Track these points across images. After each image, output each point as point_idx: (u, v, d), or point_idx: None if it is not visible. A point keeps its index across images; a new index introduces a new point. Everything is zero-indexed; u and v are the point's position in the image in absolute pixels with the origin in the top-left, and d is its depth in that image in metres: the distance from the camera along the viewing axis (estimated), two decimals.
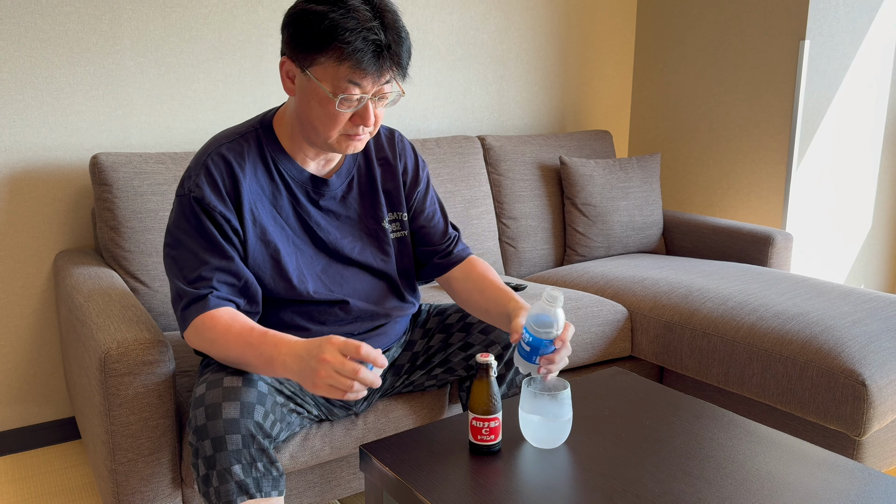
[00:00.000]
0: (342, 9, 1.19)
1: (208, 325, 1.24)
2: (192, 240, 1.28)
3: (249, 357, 1.20)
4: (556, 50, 2.98)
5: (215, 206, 1.28)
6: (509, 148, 2.63)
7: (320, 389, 1.12)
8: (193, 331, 1.26)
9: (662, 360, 2.12)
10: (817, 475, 1.12)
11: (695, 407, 1.36)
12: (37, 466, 2.04)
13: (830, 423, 1.75)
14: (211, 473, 1.16)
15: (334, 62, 1.20)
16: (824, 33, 2.63)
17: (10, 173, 2.00)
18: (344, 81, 1.21)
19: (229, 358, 1.23)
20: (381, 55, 1.20)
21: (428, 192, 1.55)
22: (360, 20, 1.19)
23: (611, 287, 2.29)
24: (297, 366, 1.14)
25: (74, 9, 2.00)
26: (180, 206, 1.30)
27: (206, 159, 1.31)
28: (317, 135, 1.29)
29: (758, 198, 2.81)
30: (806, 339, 1.82)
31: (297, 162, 1.37)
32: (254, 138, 1.35)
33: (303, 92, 1.26)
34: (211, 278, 1.27)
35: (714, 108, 2.94)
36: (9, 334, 2.07)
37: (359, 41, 1.18)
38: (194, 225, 1.28)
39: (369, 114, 1.26)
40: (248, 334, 1.21)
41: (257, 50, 2.29)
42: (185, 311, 1.26)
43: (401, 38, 1.23)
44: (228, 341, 1.22)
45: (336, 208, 1.42)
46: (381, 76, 1.23)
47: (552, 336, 1.21)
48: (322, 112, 1.25)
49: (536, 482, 1.09)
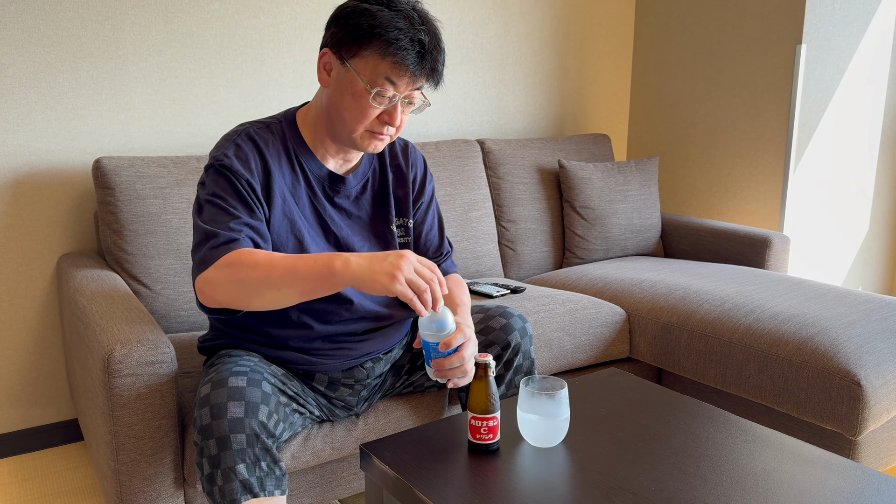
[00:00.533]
0: (394, 10, 1.26)
1: (246, 255, 1.19)
2: (220, 199, 1.28)
3: (302, 268, 1.15)
4: (555, 54, 3.00)
5: (243, 174, 1.30)
6: (508, 151, 2.65)
7: (395, 282, 1.11)
8: (224, 266, 1.19)
9: (660, 362, 2.14)
10: (812, 473, 1.14)
11: (691, 406, 1.37)
12: (40, 468, 2.06)
13: (826, 423, 1.77)
14: (215, 472, 1.18)
15: (377, 56, 1.25)
16: (820, 37, 2.65)
17: (14, 177, 2.02)
18: (382, 77, 1.26)
19: (273, 275, 1.16)
20: (423, 57, 1.27)
21: (430, 206, 1.58)
22: (410, 22, 1.26)
23: (609, 289, 2.30)
24: (366, 262, 1.13)
25: (77, 14, 2.02)
26: (209, 176, 1.32)
27: (236, 138, 1.34)
28: (343, 126, 1.32)
29: (755, 200, 2.83)
30: (802, 340, 1.83)
31: (317, 158, 1.40)
32: (278, 130, 1.39)
33: (338, 83, 1.30)
34: (245, 226, 1.26)
35: (712, 111, 2.96)
36: (12, 336, 2.09)
37: (406, 40, 1.25)
38: (223, 186, 1.29)
39: (397, 114, 1.31)
40: (293, 258, 1.18)
41: (258, 55, 2.31)
42: (213, 251, 1.21)
43: (440, 48, 1.30)
44: (273, 261, 1.17)
45: (349, 207, 1.45)
46: (417, 78, 1.29)
47: (438, 339, 1.24)
48: (354, 104, 1.29)
49: (535, 480, 1.11)
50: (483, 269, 2.51)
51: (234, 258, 1.19)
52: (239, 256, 1.20)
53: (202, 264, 1.22)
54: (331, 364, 1.45)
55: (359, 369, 1.49)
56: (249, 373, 1.27)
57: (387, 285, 1.11)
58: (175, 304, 1.94)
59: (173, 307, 1.94)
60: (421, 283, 1.13)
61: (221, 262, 1.20)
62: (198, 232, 1.27)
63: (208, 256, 1.22)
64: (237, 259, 1.19)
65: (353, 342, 1.46)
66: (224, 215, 1.27)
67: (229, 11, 2.24)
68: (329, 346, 1.44)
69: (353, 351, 1.46)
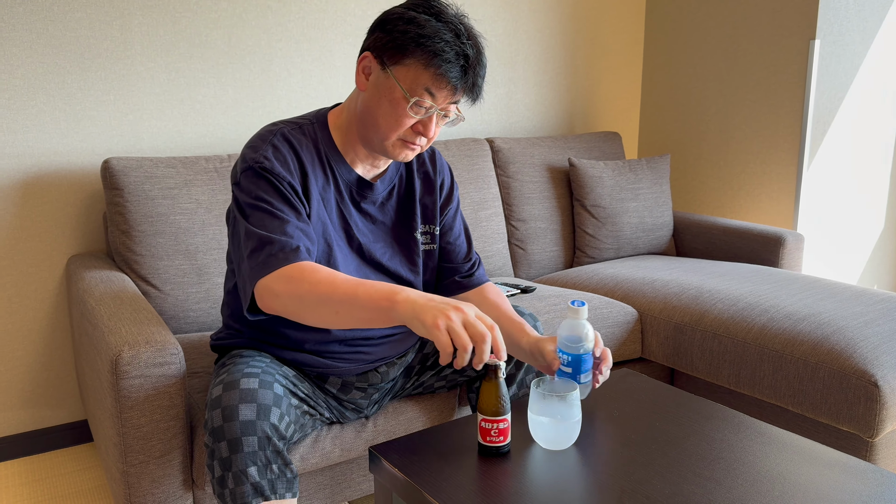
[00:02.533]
0: (441, 21, 1.25)
1: (310, 270, 1.17)
2: (266, 203, 1.25)
3: (362, 295, 1.12)
4: (565, 51, 2.98)
5: (284, 176, 1.28)
6: (518, 150, 2.63)
7: (436, 328, 1.03)
8: (286, 280, 1.17)
9: (673, 362, 2.12)
10: (829, 477, 1.12)
11: (705, 408, 1.35)
12: (50, 469, 2.06)
13: (843, 424, 1.74)
14: (227, 475, 1.17)
15: (421, 66, 1.24)
16: (834, 33, 2.62)
17: (23, 178, 2.02)
18: (422, 88, 1.25)
19: (334, 296, 1.14)
20: (466, 72, 1.26)
21: (458, 212, 1.57)
22: (457, 35, 1.25)
23: (620, 289, 2.28)
24: (422, 301, 1.07)
25: (86, 14, 2.02)
26: (248, 178, 1.28)
27: (271, 138, 1.31)
28: (376, 132, 1.31)
29: (768, 198, 2.80)
30: (817, 339, 1.80)
31: (346, 162, 1.39)
32: (310, 132, 1.37)
33: (376, 88, 1.29)
34: (296, 235, 1.24)
35: (724, 108, 2.93)
36: (22, 338, 2.09)
37: (451, 53, 1.24)
38: (266, 189, 1.27)
39: (432, 125, 1.30)
40: (354, 283, 1.15)
41: (266, 54, 2.30)
42: (271, 258, 1.19)
43: (483, 63, 1.29)
44: (335, 281, 1.15)
45: (374, 212, 1.44)
46: (457, 91, 1.28)
47: (589, 348, 1.24)
48: (391, 111, 1.27)
49: (546, 483, 1.09)
50: (493, 269, 2.50)
51: (297, 273, 1.17)
52: (302, 272, 1.17)
53: (262, 269, 1.20)
54: (345, 367, 1.44)
55: (373, 373, 1.48)
56: (261, 374, 1.26)
57: (428, 327, 1.04)
58: (184, 305, 1.94)
59: (182, 308, 1.94)
60: (465, 337, 1.03)
61: (283, 275, 1.18)
62: (251, 238, 1.23)
63: (267, 263, 1.19)
64: (300, 274, 1.17)
65: (370, 346, 1.45)
66: (273, 220, 1.24)
67: (237, 11, 2.23)
68: (345, 349, 1.43)
69: (369, 355, 1.45)
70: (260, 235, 1.22)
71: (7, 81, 1.96)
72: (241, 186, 1.29)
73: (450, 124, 1.35)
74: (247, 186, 1.28)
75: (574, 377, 1.26)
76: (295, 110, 2.38)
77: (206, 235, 1.97)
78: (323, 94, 2.42)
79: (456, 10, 1.30)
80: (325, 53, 2.40)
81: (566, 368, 1.27)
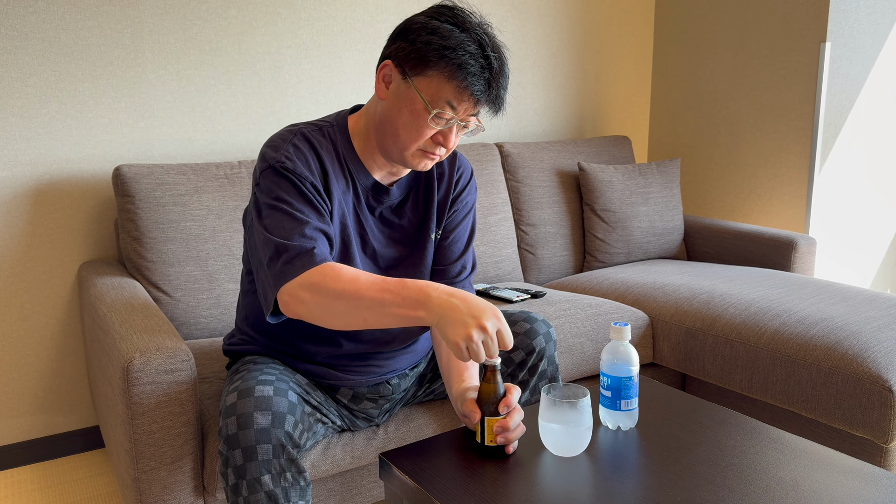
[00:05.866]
0: (465, 32, 1.22)
1: (332, 275, 1.16)
2: (287, 202, 1.24)
3: (389, 297, 1.13)
4: (574, 56, 2.98)
5: (307, 176, 1.26)
6: (527, 154, 2.63)
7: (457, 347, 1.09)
8: (309, 287, 1.16)
9: (685, 367, 2.10)
10: (843, 483, 1.10)
11: (717, 414, 1.35)
12: (62, 475, 2.07)
13: (856, 429, 1.72)
14: (241, 483, 1.17)
15: (444, 78, 1.21)
16: (845, 35, 2.60)
17: (36, 185, 2.03)
18: (443, 100, 1.23)
19: (360, 301, 1.14)
20: (490, 85, 1.23)
21: (465, 218, 1.51)
22: (481, 47, 1.22)
23: (631, 293, 2.27)
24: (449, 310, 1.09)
25: (97, 23, 2.04)
26: (269, 178, 1.26)
27: (292, 138, 1.29)
28: (396, 142, 1.28)
29: (780, 202, 2.78)
30: (830, 344, 1.79)
31: (365, 167, 1.37)
32: (330, 134, 1.35)
33: (397, 97, 1.26)
34: (318, 231, 1.23)
35: (734, 111, 2.91)
36: (35, 344, 2.10)
37: (476, 66, 1.21)
38: (287, 189, 1.25)
39: (452, 136, 1.27)
40: (381, 280, 1.15)
41: (276, 61, 2.31)
42: (288, 266, 1.18)
43: (506, 74, 1.26)
44: (360, 287, 1.14)
45: (390, 216, 1.42)
46: (479, 104, 1.25)
47: (632, 372, 1.23)
48: (411, 121, 1.25)
49: (557, 491, 1.09)
50: (502, 274, 2.49)
51: (319, 278, 1.16)
52: (324, 277, 1.16)
53: (282, 277, 1.18)
54: (357, 380, 1.43)
55: (384, 385, 1.47)
56: (276, 381, 1.26)
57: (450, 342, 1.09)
58: (195, 311, 1.95)
59: (193, 314, 1.95)
60: (481, 354, 1.09)
61: (305, 282, 1.17)
62: (267, 245, 1.22)
63: (285, 271, 1.18)
64: (321, 280, 1.16)
65: (382, 359, 1.44)
66: (292, 221, 1.22)
67: (247, 18, 2.24)
68: (357, 362, 1.42)
69: (381, 368, 1.45)
70: (276, 243, 1.20)
71: (20, 90, 1.97)
72: (261, 186, 1.27)
73: (469, 135, 1.33)
74: (267, 186, 1.26)
75: (614, 402, 1.24)
76: (304, 117, 2.39)
77: (217, 242, 1.97)
78: (332, 101, 2.42)
79: (480, 19, 1.27)
80: (335, 60, 2.41)
81: (606, 392, 1.25)
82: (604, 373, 1.25)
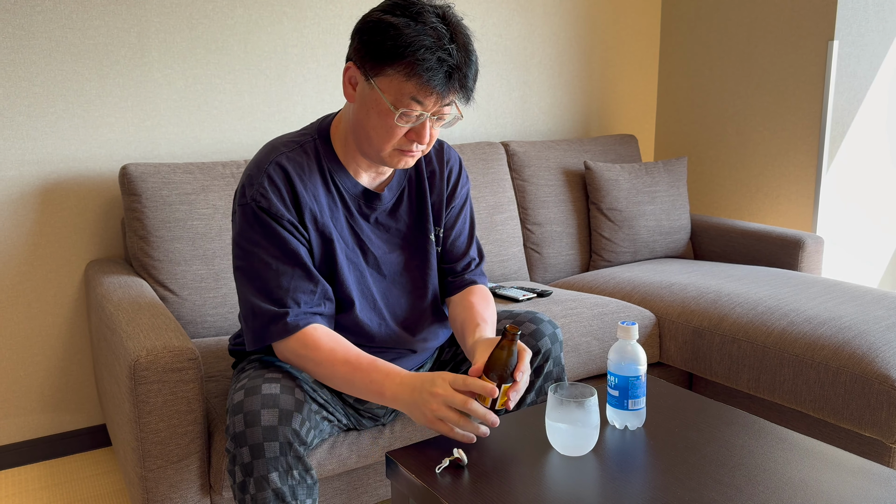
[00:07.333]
0: (420, 24, 1.17)
1: (310, 346, 1.25)
2: (261, 249, 1.27)
3: (358, 383, 1.23)
4: (580, 54, 2.97)
5: (283, 215, 1.27)
6: (533, 153, 2.63)
7: (430, 422, 1.15)
8: (287, 350, 1.28)
9: (692, 367, 2.10)
10: (851, 483, 1.10)
11: (725, 414, 1.34)
12: (69, 473, 2.07)
13: (865, 429, 1.71)
14: (248, 481, 1.17)
15: (402, 76, 1.18)
16: (853, 33, 2.59)
17: (43, 184, 2.04)
18: (407, 98, 1.20)
19: (334, 380, 1.26)
20: (451, 77, 1.19)
21: (463, 210, 1.52)
22: (437, 39, 1.17)
23: (638, 292, 2.27)
24: (408, 397, 1.17)
25: (104, 22, 2.04)
26: (244, 216, 1.28)
27: (267, 167, 1.29)
28: (370, 145, 1.27)
29: (787, 201, 2.77)
30: (838, 344, 1.78)
31: (350, 174, 1.35)
32: (312, 148, 1.33)
33: (363, 100, 1.24)
34: (289, 289, 1.26)
35: (741, 110, 2.90)
36: (42, 343, 2.11)
37: (433, 60, 1.17)
38: (262, 233, 1.27)
39: (426, 132, 1.24)
40: (355, 360, 1.23)
41: (282, 60, 2.31)
42: (264, 332, 1.27)
43: (471, 61, 1.22)
44: (335, 365, 1.24)
45: (386, 221, 1.41)
46: (445, 97, 1.21)
47: (640, 372, 1.23)
48: (379, 123, 1.23)
49: (564, 490, 1.08)
50: (508, 273, 2.49)
51: (298, 345, 1.27)
52: (303, 347, 1.26)
53: (257, 341, 1.29)
54: None
55: None
56: (282, 379, 1.26)
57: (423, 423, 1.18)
58: (201, 310, 1.95)
59: (199, 313, 1.95)
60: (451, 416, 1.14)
61: (282, 348, 1.29)
62: (242, 298, 1.29)
63: (261, 336, 1.28)
64: (300, 348, 1.26)
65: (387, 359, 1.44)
66: (266, 272, 1.27)
67: (253, 17, 2.24)
68: None
69: None
70: (251, 303, 1.27)
71: (27, 89, 1.98)
72: (238, 223, 1.30)
73: (447, 125, 1.29)
74: (243, 226, 1.28)
75: (622, 401, 1.24)
76: (311, 116, 2.39)
77: (224, 240, 1.98)
78: (338, 99, 2.42)
79: (439, 2, 1.23)
80: (341, 59, 2.41)
81: (613, 391, 1.25)
82: (611, 372, 1.25)
